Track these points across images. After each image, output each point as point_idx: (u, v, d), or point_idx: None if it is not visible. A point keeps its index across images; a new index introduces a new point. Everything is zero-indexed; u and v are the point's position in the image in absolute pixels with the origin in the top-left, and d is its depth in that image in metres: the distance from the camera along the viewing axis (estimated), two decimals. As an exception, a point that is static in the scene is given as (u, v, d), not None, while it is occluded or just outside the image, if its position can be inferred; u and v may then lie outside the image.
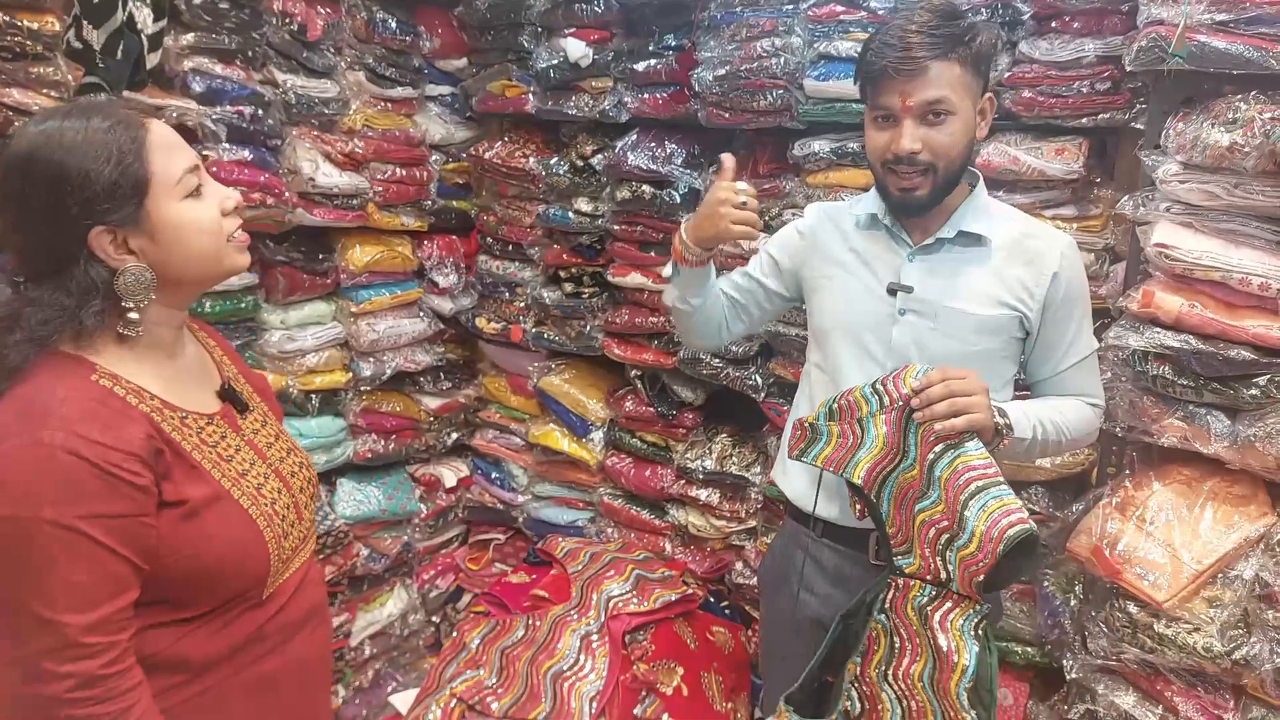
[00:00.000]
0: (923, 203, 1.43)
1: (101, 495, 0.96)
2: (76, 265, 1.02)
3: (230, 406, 1.20)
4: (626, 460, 2.64)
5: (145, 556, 1.01)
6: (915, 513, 1.32)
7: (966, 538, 1.24)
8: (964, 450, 1.26)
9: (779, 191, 2.28)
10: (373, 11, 2.48)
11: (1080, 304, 1.50)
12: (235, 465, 1.13)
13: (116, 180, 1.01)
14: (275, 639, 1.16)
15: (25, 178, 1.00)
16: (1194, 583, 1.54)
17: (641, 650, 2.21)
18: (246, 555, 1.10)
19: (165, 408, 1.08)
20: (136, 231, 1.04)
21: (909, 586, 1.34)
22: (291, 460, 1.25)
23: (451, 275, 2.79)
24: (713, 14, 2.25)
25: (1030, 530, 1.19)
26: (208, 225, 1.10)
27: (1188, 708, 1.60)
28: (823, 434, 1.43)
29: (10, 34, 1.68)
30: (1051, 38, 1.90)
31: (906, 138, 1.37)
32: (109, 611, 0.98)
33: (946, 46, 1.34)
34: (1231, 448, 1.58)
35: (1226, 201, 1.55)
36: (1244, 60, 1.51)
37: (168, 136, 1.08)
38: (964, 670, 1.26)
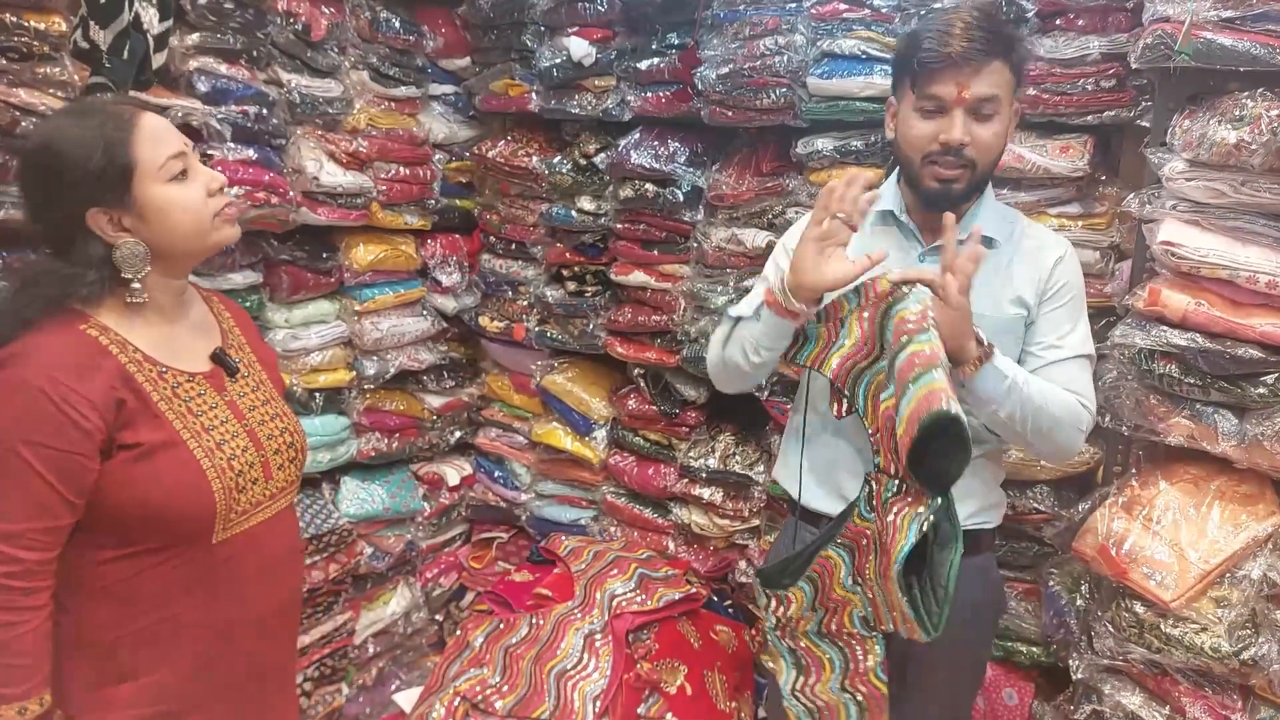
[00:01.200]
0: (958, 196, 1.42)
1: (47, 427, 1.12)
2: (79, 241, 1.18)
3: (219, 369, 1.33)
4: (629, 459, 2.64)
5: (78, 491, 1.15)
6: (879, 405, 1.34)
7: (899, 421, 1.25)
8: (917, 340, 1.25)
9: (782, 190, 2.28)
10: (376, 11, 2.48)
11: (1074, 301, 1.50)
12: (202, 420, 1.26)
13: (104, 167, 1.16)
14: (227, 586, 1.28)
15: (34, 168, 1.19)
16: (1201, 582, 1.54)
17: (645, 649, 2.21)
18: (189, 496, 1.21)
19: (146, 361, 1.22)
20: (128, 212, 1.19)
21: (880, 481, 1.35)
22: (273, 425, 1.36)
23: (455, 274, 2.79)
24: (715, 12, 2.25)
25: (945, 412, 1.16)
26: (191, 205, 1.23)
27: (1195, 708, 1.59)
28: (812, 336, 1.43)
29: (17, 34, 1.68)
30: (1056, 35, 1.89)
31: (958, 128, 1.36)
32: (26, 528, 1.12)
33: (1002, 47, 1.36)
34: (1239, 447, 1.57)
35: (1233, 199, 1.54)
36: (1251, 57, 1.51)
37: (155, 127, 1.22)
38: (899, 552, 1.26)
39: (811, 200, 2.18)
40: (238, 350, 1.39)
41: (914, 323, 1.27)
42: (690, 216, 2.41)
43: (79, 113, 1.22)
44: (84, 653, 1.22)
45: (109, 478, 1.17)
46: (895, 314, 1.31)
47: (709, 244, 2.36)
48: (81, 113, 1.21)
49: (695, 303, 2.42)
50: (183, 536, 1.23)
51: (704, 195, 2.39)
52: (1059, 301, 1.48)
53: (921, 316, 1.28)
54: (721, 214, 2.38)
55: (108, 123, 1.18)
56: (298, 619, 1.50)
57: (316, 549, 2.33)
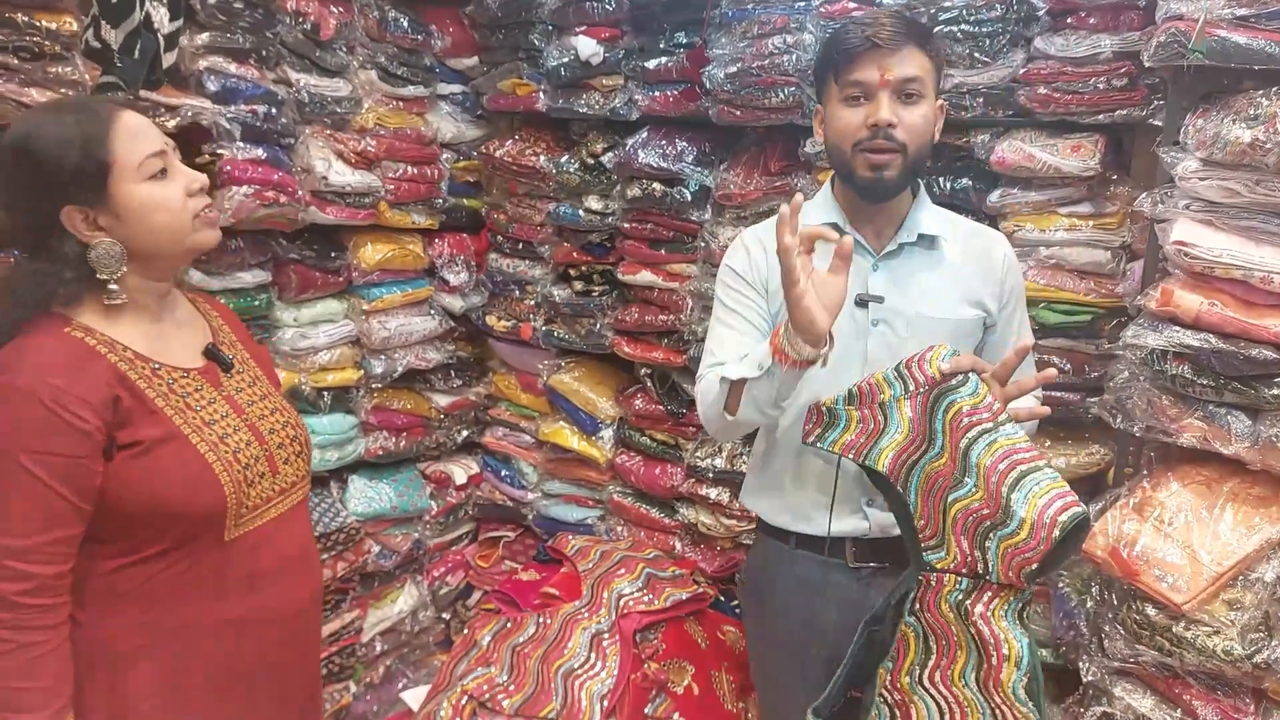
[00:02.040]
0: (891, 186, 1.40)
1: (47, 434, 1.08)
2: (53, 240, 1.15)
3: (214, 365, 1.30)
4: (636, 458, 2.63)
5: (85, 496, 1.12)
6: (949, 503, 1.26)
7: (1015, 525, 1.17)
8: (1001, 434, 1.20)
9: (790, 189, 2.27)
10: (385, 11, 2.48)
11: (1021, 299, 1.56)
12: (201, 415, 1.23)
13: (80, 164, 1.13)
14: (242, 585, 1.25)
15: (8, 164, 1.15)
16: (1214, 585, 1.53)
17: (652, 649, 2.21)
18: (197, 491, 1.18)
19: (137, 359, 1.19)
20: (104, 210, 1.16)
21: (942, 582, 1.27)
22: (274, 419, 1.33)
23: (462, 273, 2.80)
24: (724, 11, 2.24)
25: (1085, 513, 1.15)
26: (168, 204, 1.19)
27: (1207, 711, 1.58)
28: (841, 418, 1.35)
29: (28, 34, 1.68)
30: (1067, 34, 1.88)
31: (884, 108, 1.35)
32: (39, 542, 1.08)
33: (918, 34, 1.39)
34: (1252, 448, 1.56)
35: (1247, 199, 1.53)
36: (1265, 55, 1.50)
37: (134, 124, 1.18)
38: (1018, 660, 1.20)
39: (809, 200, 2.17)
40: (229, 347, 1.36)
41: (986, 415, 1.22)
42: (698, 216, 2.40)
43: (56, 109, 1.19)
44: (101, 666, 1.18)
45: (112, 479, 1.14)
46: (951, 404, 1.25)
47: (717, 243, 2.35)
48: (59, 109, 1.19)
49: (703, 302, 2.42)
50: (194, 534, 1.20)
51: (711, 194, 2.39)
52: (1012, 308, 1.53)
53: (990, 407, 1.22)
54: (729, 213, 2.38)
55: (85, 119, 1.15)
56: (319, 620, 1.46)
57: (324, 547, 2.34)
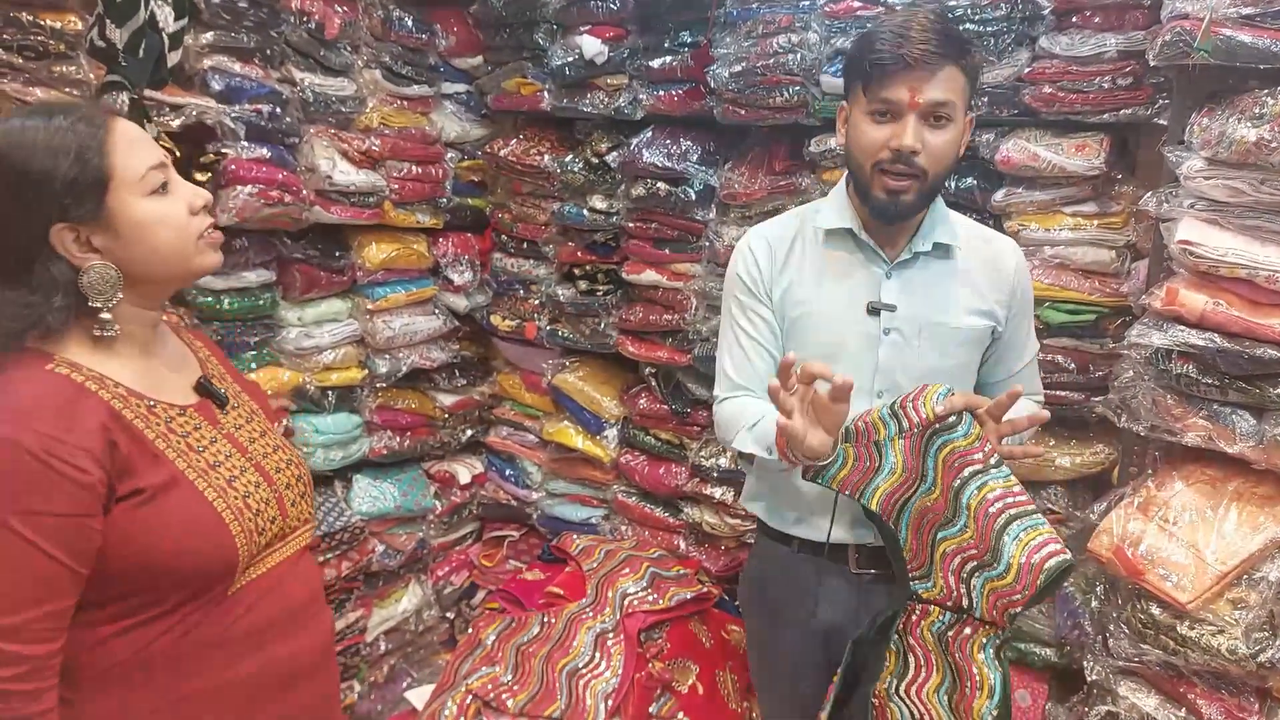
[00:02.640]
0: (906, 209, 1.37)
1: (40, 490, 0.93)
2: (39, 263, 1.00)
3: (208, 401, 1.18)
4: (640, 457, 2.64)
5: (84, 560, 0.97)
6: (937, 539, 1.29)
7: (1002, 569, 1.22)
8: (991, 477, 1.23)
9: (795, 189, 2.27)
10: (389, 10, 2.48)
11: (1029, 304, 1.54)
12: (206, 456, 1.10)
13: (75, 176, 1.00)
14: (246, 642, 1.11)
15: None
16: (1218, 584, 1.52)
17: (657, 648, 2.21)
18: (207, 543, 1.06)
19: (131, 396, 1.05)
20: (99, 228, 1.03)
21: (927, 612, 1.33)
22: (278, 457, 1.22)
23: (466, 273, 2.80)
24: (728, 10, 2.24)
25: (1069, 561, 1.19)
26: (173, 221, 1.08)
27: (1211, 711, 1.58)
28: (839, 456, 1.35)
29: (33, 33, 1.69)
30: (1072, 33, 1.88)
31: (910, 134, 1.30)
32: (32, 617, 0.94)
33: (956, 51, 1.30)
34: (1257, 447, 1.56)
35: (1253, 198, 1.53)
36: (1271, 54, 1.49)
37: (131, 133, 1.06)
38: (990, 692, 1.25)
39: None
40: (220, 380, 1.24)
41: (979, 457, 1.24)
42: (702, 215, 2.40)
43: (45, 113, 1.03)
44: None
45: (110, 535, 0.99)
46: (944, 444, 1.26)
47: (721, 243, 2.35)
48: (48, 113, 1.03)
49: (707, 302, 2.42)
50: (197, 592, 1.07)
51: (716, 194, 2.39)
52: (1021, 315, 1.52)
53: (983, 448, 1.24)
54: (734, 212, 2.37)
55: (79, 124, 1.01)
56: (332, 673, 1.30)
57: (329, 547, 2.34)
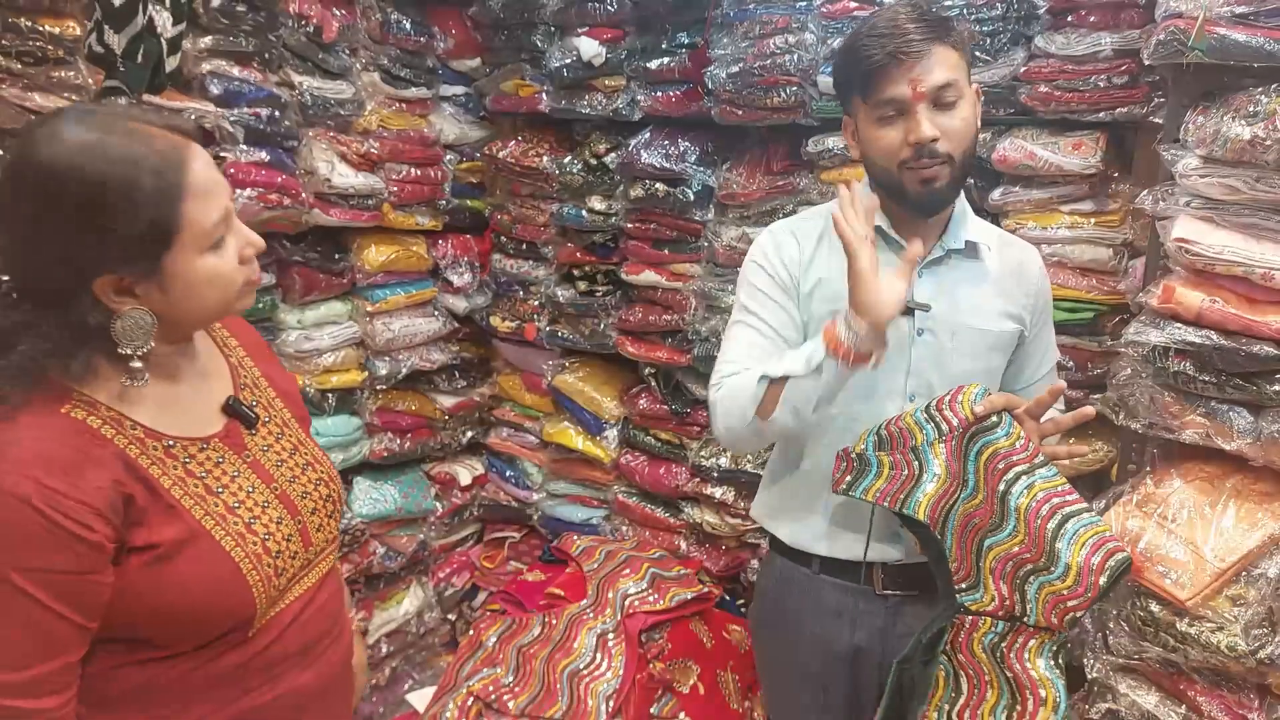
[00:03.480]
0: (944, 196, 1.35)
1: (45, 548, 0.89)
2: (74, 304, 0.93)
3: (236, 424, 1.11)
4: (641, 458, 2.64)
5: (92, 615, 0.94)
6: (985, 546, 1.24)
7: (1060, 571, 1.17)
8: (1039, 476, 1.19)
9: (793, 189, 2.28)
10: (387, 13, 2.49)
11: (1050, 311, 1.54)
12: (225, 498, 1.05)
13: (144, 233, 0.92)
14: (263, 674, 1.08)
15: (50, 197, 0.90)
16: (1217, 581, 1.53)
17: (658, 649, 2.21)
18: (224, 599, 1.02)
19: (149, 437, 1.00)
20: (146, 280, 0.95)
21: (976, 624, 1.26)
22: (306, 478, 1.16)
23: (466, 274, 2.80)
24: (725, 11, 2.25)
25: (1128, 558, 1.17)
26: (222, 280, 1.01)
27: (1211, 707, 1.58)
28: (872, 465, 1.30)
29: (32, 38, 1.69)
30: (1067, 32, 1.88)
31: (925, 124, 1.27)
32: (41, 673, 0.91)
33: (941, 31, 1.30)
34: (1255, 444, 1.56)
35: (1248, 195, 1.53)
36: (1265, 53, 1.50)
37: (207, 179, 0.97)
38: (1055, 705, 1.20)
39: (821, 198, 2.18)
40: (253, 390, 1.17)
41: (1022, 456, 1.20)
42: (701, 215, 2.41)
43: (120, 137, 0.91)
44: None
45: (121, 586, 0.95)
46: (985, 445, 1.23)
47: (720, 243, 2.36)
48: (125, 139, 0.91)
49: (706, 302, 2.42)
50: (214, 638, 1.04)
51: (715, 194, 2.39)
52: (1043, 320, 1.51)
53: (1026, 448, 1.21)
54: (732, 213, 2.38)
55: (161, 167, 0.91)
56: (347, 691, 1.26)
57: (330, 549, 2.35)
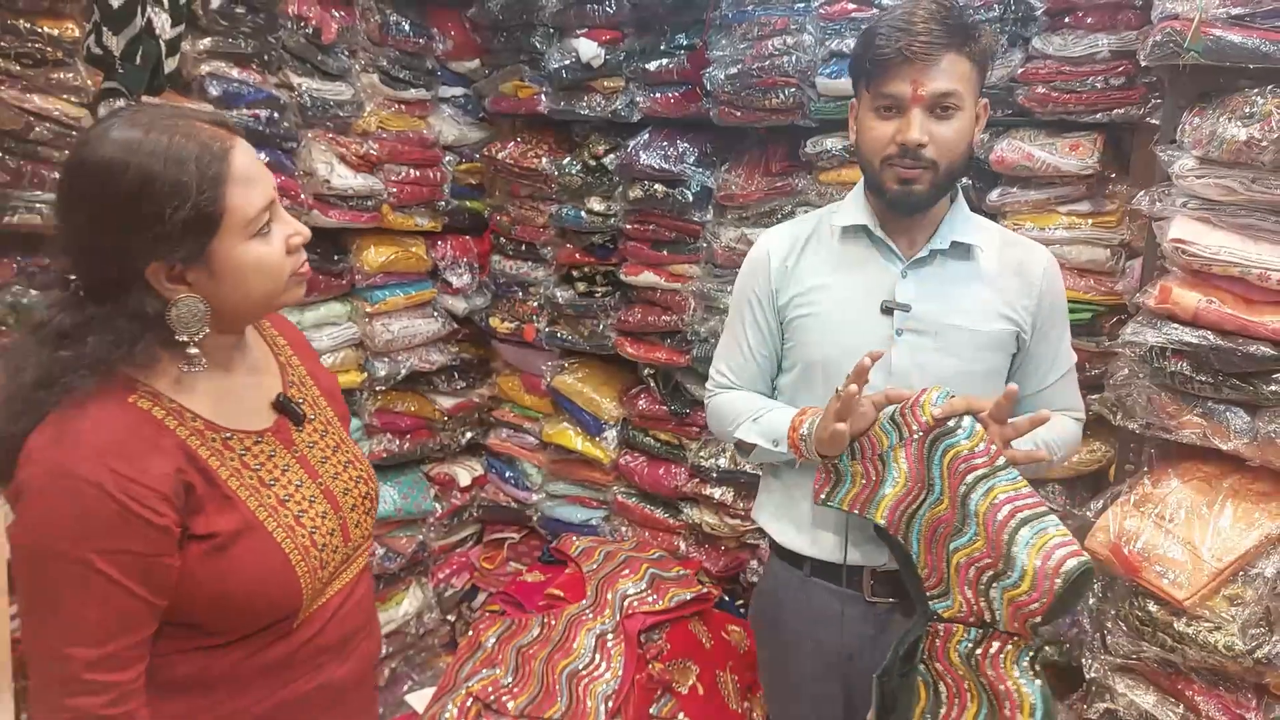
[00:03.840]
0: (921, 199, 1.35)
1: (118, 531, 0.94)
2: (130, 294, 0.98)
3: (285, 420, 1.16)
4: (640, 459, 2.64)
5: (162, 593, 0.99)
6: (950, 551, 1.24)
7: (1017, 576, 1.15)
8: (999, 480, 1.18)
9: (791, 190, 2.28)
10: (386, 14, 2.49)
11: (1062, 316, 1.48)
12: (277, 490, 1.10)
13: (190, 219, 0.96)
14: (307, 665, 1.13)
15: (101, 194, 0.96)
16: (1214, 580, 1.53)
17: (657, 649, 2.22)
18: (275, 588, 1.07)
19: (208, 429, 1.05)
20: (196, 266, 1.00)
21: (950, 632, 1.25)
22: (347, 476, 1.21)
23: (465, 275, 2.81)
24: (724, 13, 2.25)
25: (1088, 563, 1.12)
26: (269, 267, 1.05)
27: (1209, 707, 1.58)
28: (846, 475, 1.31)
29: (30, 40, 1.70)
30: (1065, 33, 1.89)
31: (915, 128, 1.29)
32: (116, 648, 0.96)
33: (959, 38, 1.29)
34: (1251, 444, 1.57)
35: (1244, 196, 1.53)
36: (1261, 54, 1.50)
37: (249, 168, 1.02)
38: (1032, 710, 1.18)
39: (820, 200, 2.18)
40: (299, 388, 1.22)
41: (983, 460, 1.19)
42: (700, 216, 2.41)
43: (165, 132, 0.97)
44: None
45: (183, 574, 1.01)
46: (947, 449, 1.22)
47: (718, 244, 2.37)
48: (169, 133, 0.97)
49: (705, 302, 2.43)
50: (264, 625, 1.09)
51: (713, 195, 2.40)
52: (1051, 325, 1.45)
53: (987, 451, 1.20)
54: (731, 214, 2.38)
55: (203, 157, 0.97)
56: (374, 687, 1.33)
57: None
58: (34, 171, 1.75)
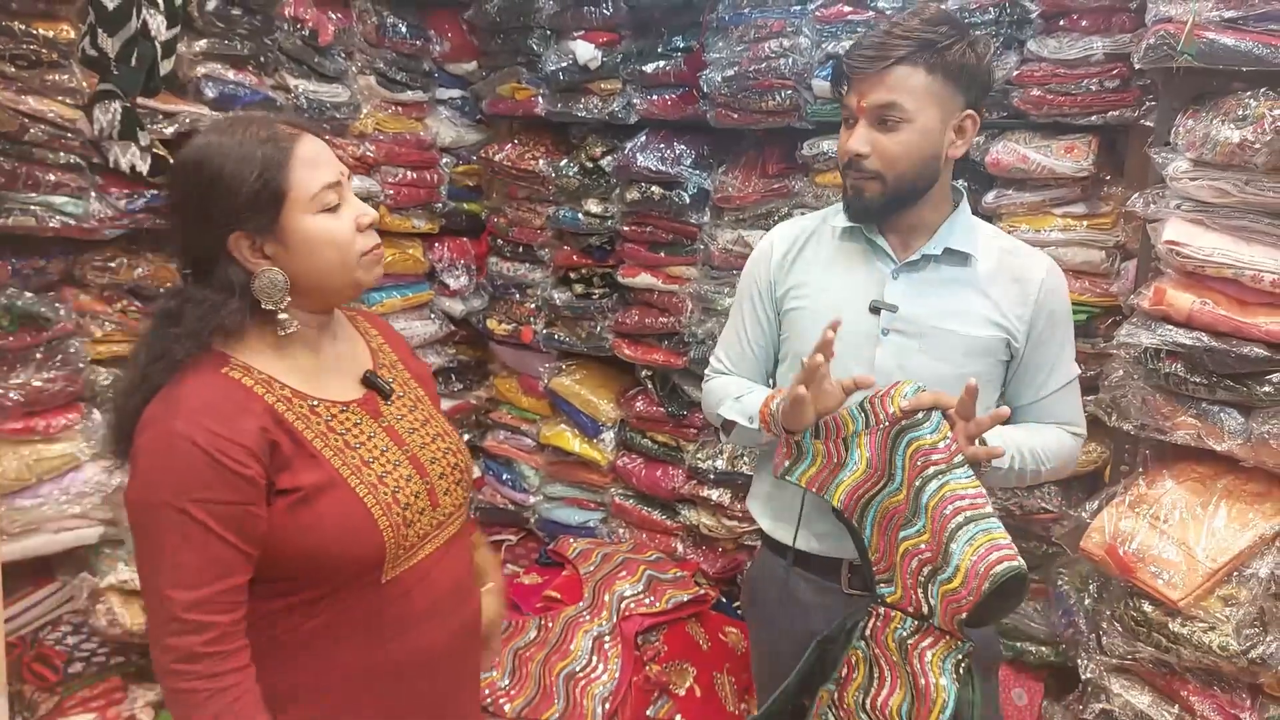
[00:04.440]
0: (870, 205, 1.37)
1: (211, 482, 1.04)
2: (219, 265, 1.11)
3: (373, 394, 1.24)
4: (637, 460, 2.64)
5: (253, 542, 1.07)
6: (899, 540, 1.26)
7: (950, 571, 1.18)
8: (953, 477, 1.20)
9: (788, 192, 2.29)
10: (383, 16, 2.49)
11: (1062, 327, 1.45)
12: (361, 453, 1.18)
13: (259, 191, 1.09)
14: (397, 628, 1.19)
15: (186, 182, 1.12)
16: (1209, 581, 1.54)
17: (654, 651, 2.22)
18: (357, 539, 1.13)
19: (295, 397, 1.14)
20: (272, 239, 1.12)
21: (890, 616, 1.29)
22: (435, 447, 1.27)
23: (462, 277, 2.81)
24: (721, 15, 2.26)
25: (1018, 569, 1.12)
26: (337, 239, 1.15)
27: (1204, 707, 1.59)
28: (808, 452, 1.34)
29: (26, 42, 1.70)
30: (1060, 36, 1.89)
31: (855, 139, 1.34)
32: (212, 592, 1.04)
33: (914, 51, 1.30)
34: (1245, 445, 1.57)
35: (1237, 198, 1.54)
36: (1253, 57, 1.51)
37: (314, 152, 1.14)
38: (942, 708, 1.20)
39: (817, 202, 2.19)
40: (389, 369, 1.30)
41: (941, 455, 1.21)
42: (696, 218, 2.42)
43: (239, 125, 1.13)
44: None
45: (271, 527, 1.09)
46: (911, 441, 1.24)
47: (715, 246, 2.37)
48: (242, 125, 1.13)
49: (702, 304, 2.43)
50: (349, 580, 1.15)
51: (710, 197, 2.40)
52: (1049, 334, 1.43)
53: (948, 449, 1.21)
54: (728, 216, 2.39)
55: (267, 142, 1.11)
56: (475, 654, 1.36)
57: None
58: (29, 173, 1.75)
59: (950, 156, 1.37)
